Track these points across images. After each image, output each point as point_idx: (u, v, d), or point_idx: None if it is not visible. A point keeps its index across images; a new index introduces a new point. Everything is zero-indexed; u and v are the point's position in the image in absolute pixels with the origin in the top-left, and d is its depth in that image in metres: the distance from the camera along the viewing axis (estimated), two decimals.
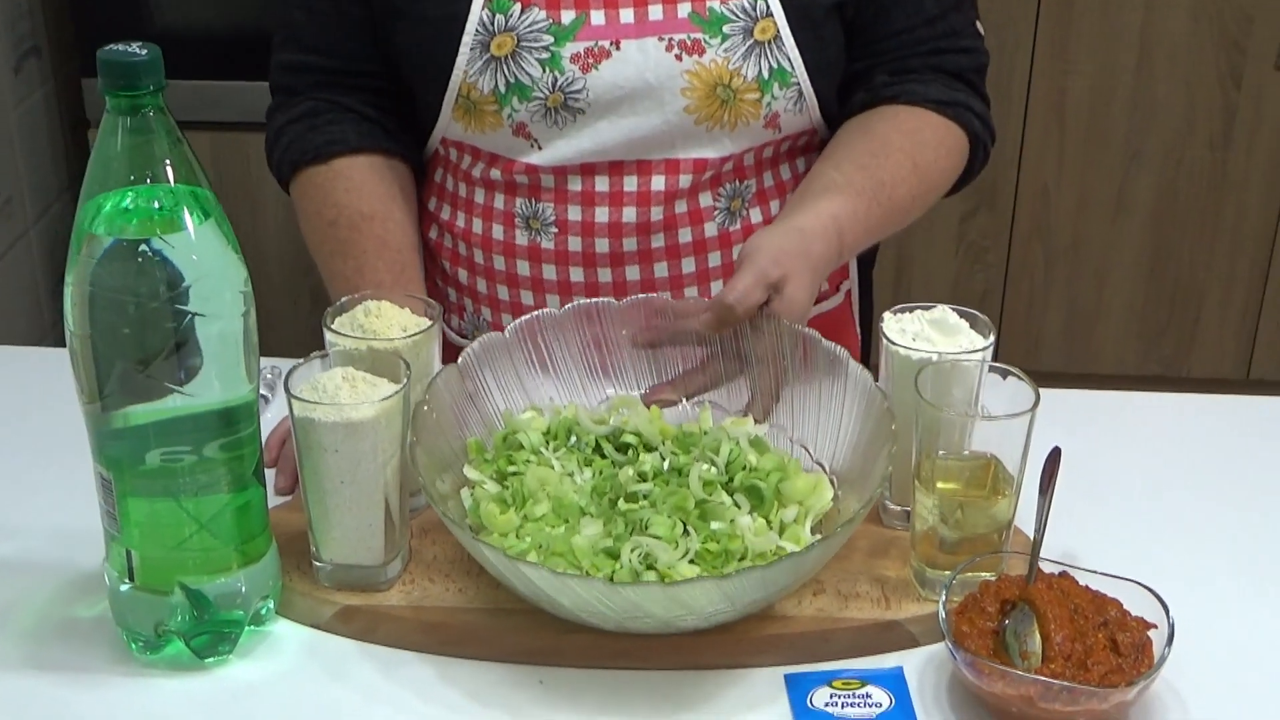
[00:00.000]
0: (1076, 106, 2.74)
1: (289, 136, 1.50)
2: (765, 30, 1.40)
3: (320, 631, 1.14)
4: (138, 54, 0.98)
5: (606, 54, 1.39)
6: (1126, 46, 2.68)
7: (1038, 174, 2.79)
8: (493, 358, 1.26)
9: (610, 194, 1.43)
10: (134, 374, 1.00)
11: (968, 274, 2.88)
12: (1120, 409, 1.49)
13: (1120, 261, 2.85)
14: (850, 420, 1.20)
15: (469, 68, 1.40)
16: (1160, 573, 1.11)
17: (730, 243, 1.47)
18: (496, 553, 1.04)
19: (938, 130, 1.47)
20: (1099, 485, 1.31)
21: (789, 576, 1.06)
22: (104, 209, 1.00)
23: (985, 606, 1.07)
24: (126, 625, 1.10)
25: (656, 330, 1.30)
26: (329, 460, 1.09)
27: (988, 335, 1.18)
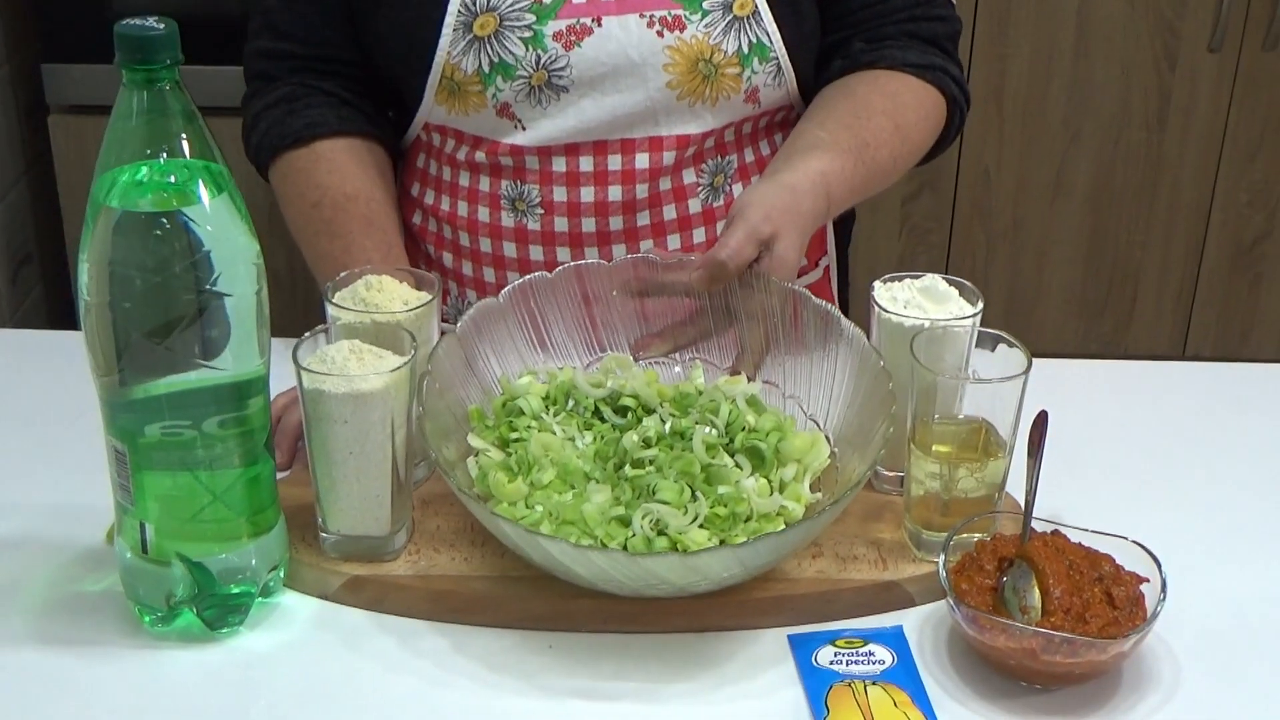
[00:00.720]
0: (1015, 89, 2.79)
1: (266, 121, 1.51)
2: (744, 6, 1.43)
3: (328, 602, 1.15)
4: (155, 28, 0.98)
5: (589, 31, 1.41)
6: (1064, 29, 2.73)
7: (979, 156, 2.84)
8: (489, 324, 1.27)
9: (595, 173, 1.45)
10: (151, 346, 1.01)
11: (911, 255, 2.93)
12: (1078, 377, 1.53)
13: (1059, 242, 2.90)
14: (845, 376, 1.23)
15: (452, 49, 1.42)
16: (1142, 532, 1.14)
17: (714, 218, 1.49)
18: (517, 528, 1.06)
19: (917, 93, 1.50)
20: (1075, 450, 1.35)
21: (800, 540, 1.09)
22: (119, 182, 1.00)
23: (983, 564, 1.11)
24: (137, 598, 1.10)
25: (646, 280, 1.31)
26: (338, 431, 1.11)
27: (976, 302, 1.22)
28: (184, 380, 1.03)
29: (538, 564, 1.10)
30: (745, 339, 1.29)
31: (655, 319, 1.32)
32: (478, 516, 1.09)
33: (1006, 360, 1.17)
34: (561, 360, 1.31)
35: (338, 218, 1.44)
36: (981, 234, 2.91)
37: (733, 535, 1.12)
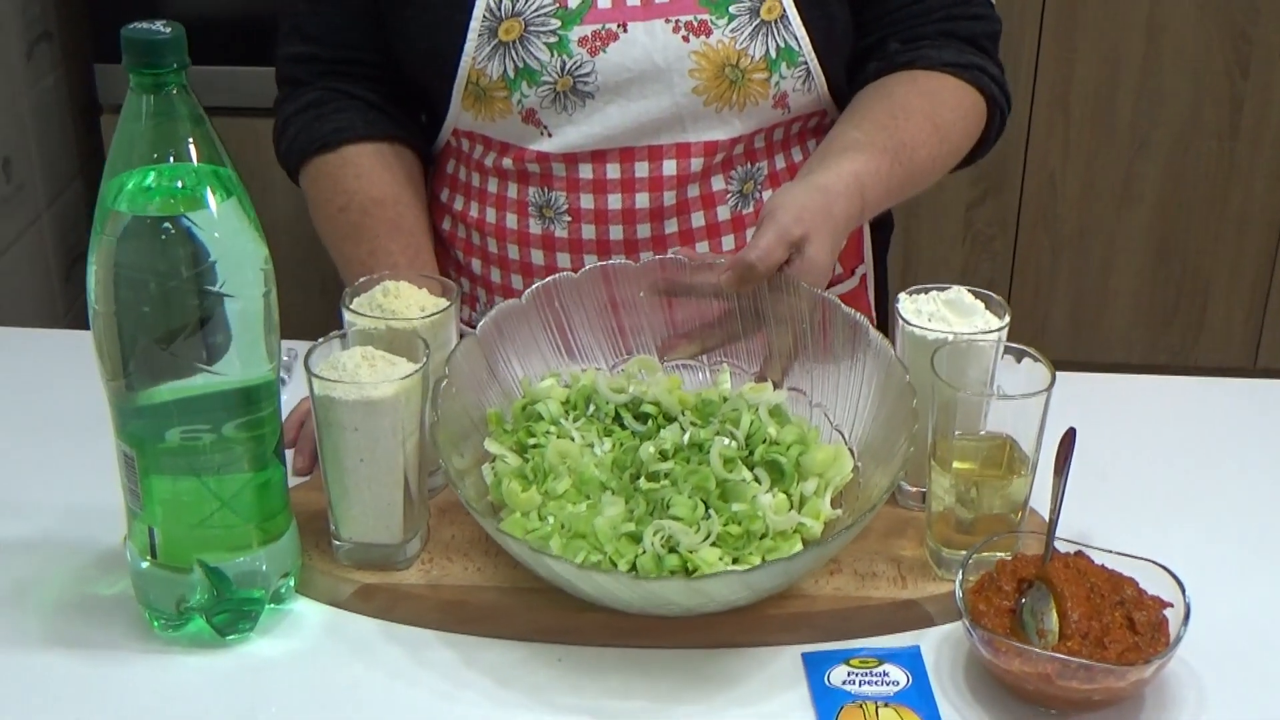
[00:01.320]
0: (1082, 95, 2.74)
1: (296, 126, 1.51)
2: (772, 10, 1.41)
3: (339, 610, 1.14)
4: (161, 32, 0.98)
5: (614, 36, 1.39)
6: (1133, 33, 2.69)
7: (1044, 162, 2.80)
8: (511, 326, 1.26)
9: (622, 180, 1.44)
10: (157, 351, 1.01)
11: (974, 262, 2.89)
12: (1128, 392, 1.49)
13: (1127, 250, 2.85)
14: (870, 389, 1.20)
15: (477, 54, 1.41)
16: (1172, 553, 1.11)
17: (743, 225, 1.47)
18: (521, 545, 1.05)
19: (955, 92, 1.47)
20: (1109, 467, 1.31)
21: (809, 566, 1.07)
22: (127, 187, 1.00)
23: (1002, 585, 1.08)
24: (148, 602, 1.10)
25: (673, 281, 1.29)
26: (348, 438, 1.10)
27: (1003, 316, 1.19)
28: (191, 385, 1.02)
29: (544, 578, 1.08)
30: (773, 343, 1.27)
31: (683, 321, 1.30)
32: (486, 529, 1.08)
33: (1031, 375, 1.14)
34: (586, 363, 1.29)
35: (364, 222, 1.44)
36: (1046, 241, 2.86)
37: (747, 553, 1.10)
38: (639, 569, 1.09)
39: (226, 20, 2.40)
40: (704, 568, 1.08)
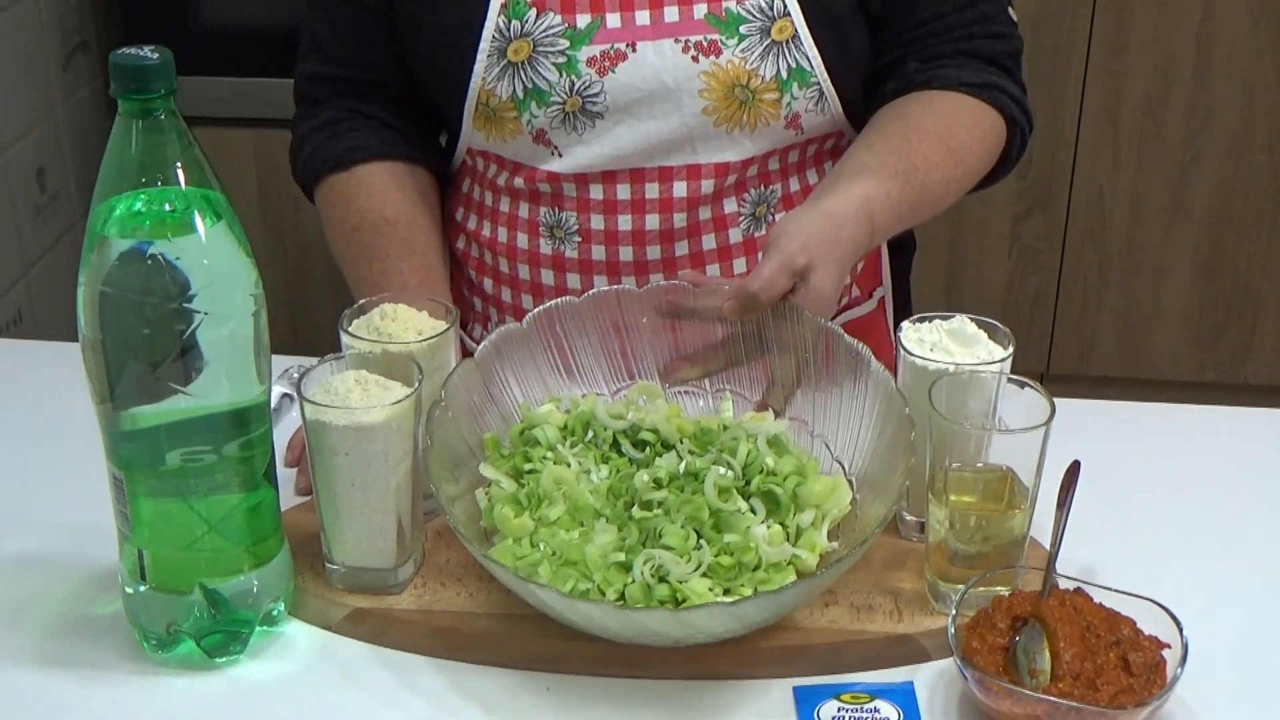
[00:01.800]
0: (1132, 108, 2.70)
1: (311, 145, 1.52)
2: (783, 30, 1.39)
3: (332, 633, 1.14)
4: (149, 58, 0.98)
5: (623, 56, 1.38)
6: (1184, 46, 2.65)
7: (1092, 176, 2.76)
8: (511, 350, 1.26)
9: (632, 201, 1.43)
10: (145, 375, 1.01)
11: (1020, 277, 2.86)
12: (1162, 420, 1.45)
13: (1176, 265, 2.81)
14: (870, 421, 1.19)
15: (486, 74, 1.40)
16: (1181, 592, 1.10)
17: (755, 249, 1.46)
18: (507, 572, 1.04)
19: (973, 113, 1.44)
20: (1127, 499, 1.29)
21: (800, 598, 1.06)
22: (116, 211, 1.00)
23: (996, 622, 1.06)
24: (139, 624, 1.11)
25: (678, 305, 1.28)
26: (339, 463, 1.10)
27: (1007, 346, 1.17)
28: (179, 408, 1.03)
29: (531, 605, 1.08)
30: (776, 370, 1.25)
31: (687, 345, 1.29)
32: (474, 555, 1.08)
33: (1033, 405, 1.12)
34: (587, 387, 1.28)
35: (376, 241, 1.44)
36: (1094, 256, 2.83)
37: (738, 585, 1.09)
38: (627, 598, 1.08)
39: (258, 32, 2.42)
40: (693, 598, 1.07)
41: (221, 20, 2.42)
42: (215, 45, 2.41)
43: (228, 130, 2.53)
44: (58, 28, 2.41)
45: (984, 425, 1.12)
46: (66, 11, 2.43)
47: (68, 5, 2.45)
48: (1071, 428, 1.34)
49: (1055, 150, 2.74)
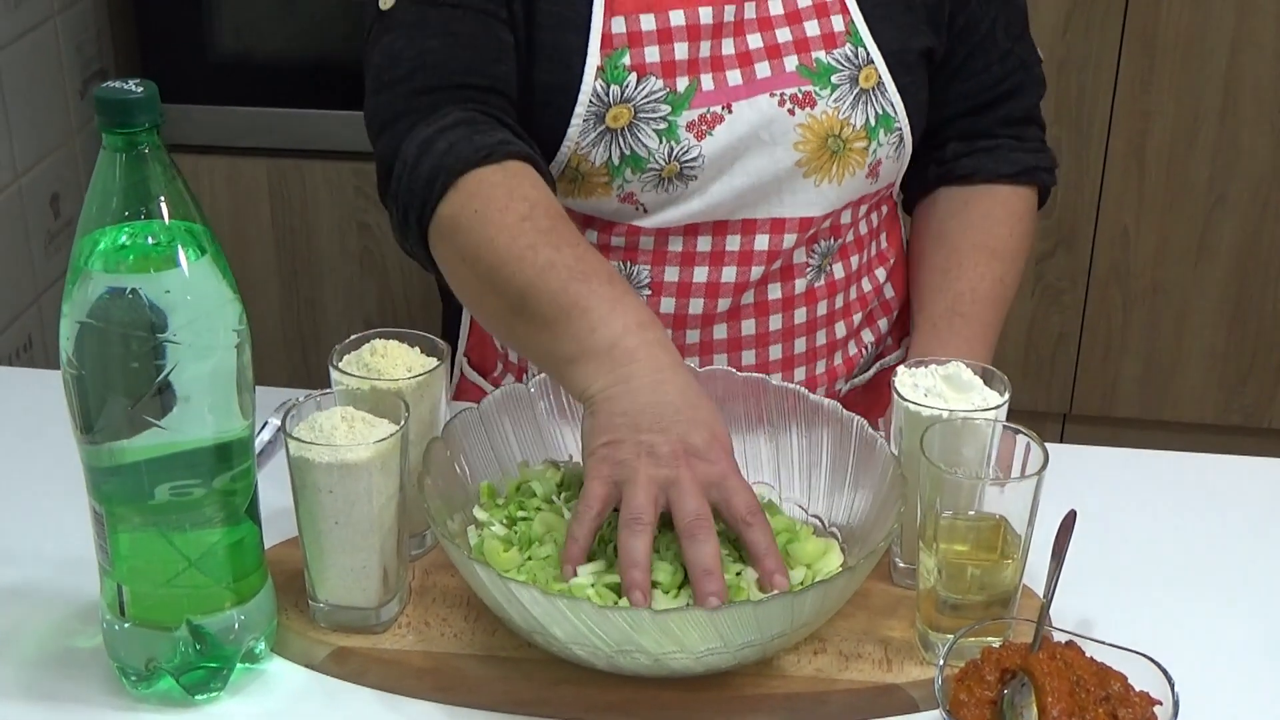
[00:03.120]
0: (1158, 147, 2.68)
1: (447, 141, 1.28)
2: (869, 77, 1.39)
3: (314, 672, 1.13)
4: (134, 91, 0.97)
5: (720, 119, 1.36)
6: (1210, 86, 2.62)
7: (1117, 216, 2.73)
8: (514, 406, 1.25)
9: (711, 254, 1.40)
10: (123, 410, 1.00)
11: (1044, 316, 2.83)
12: (1177, 469, 1.43)
13: (1201, 307, 2.78)
14: (867, 495, 1.18)
15: (581, 139, 1.35)
16: (1181, 647, 1.08)
17: (815, 299, 1.44)
18: (490, 572, 1.03)
19: (1008, 204, 1.50)
20: (1133, 549, 1.27)
21: (782, 617, 1.03)
22: (100, 245, 1.00)
23: (985, 674, 1.04)
24: (119, 659, 1.10)
25: None
26: (323, 501, 1.09)
27: (1003, 393, 1.15)
28: (160, 443, 1.02)
29: (519, 627, 1.07)
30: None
31: None
32: (453, 560, 1.07)
33: (1031, 455, 1.10)
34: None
35: (557, 227, 1.22)
36: (1119, 296, 2.80)
37: None
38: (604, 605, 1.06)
39: (277, 62, 2.42)
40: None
41: (239, 50, 2.43)
42: (232, 75, 2.42)
43: (243, 160, 2.53)
44: (76, 55, 2.42)
45: (977, 474, 1.11)
46: (85, 40, 2.45)
47: (86, 33, 2.46)
48: (1086, 474, 1.33)
49: (1080, 190, 2.72)
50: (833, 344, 1.47)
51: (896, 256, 1.54)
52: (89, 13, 2.46)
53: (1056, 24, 2.59)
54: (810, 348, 1.45)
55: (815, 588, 1.02)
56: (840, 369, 1.48)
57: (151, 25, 2.39)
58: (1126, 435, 2.84)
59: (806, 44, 1.38)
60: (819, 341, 1.45)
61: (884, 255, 1.52)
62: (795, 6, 1.39)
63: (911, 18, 1.42)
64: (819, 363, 1.46)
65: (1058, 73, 2.61)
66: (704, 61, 1.36)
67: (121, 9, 2.56)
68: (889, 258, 1.53)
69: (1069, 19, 2.58)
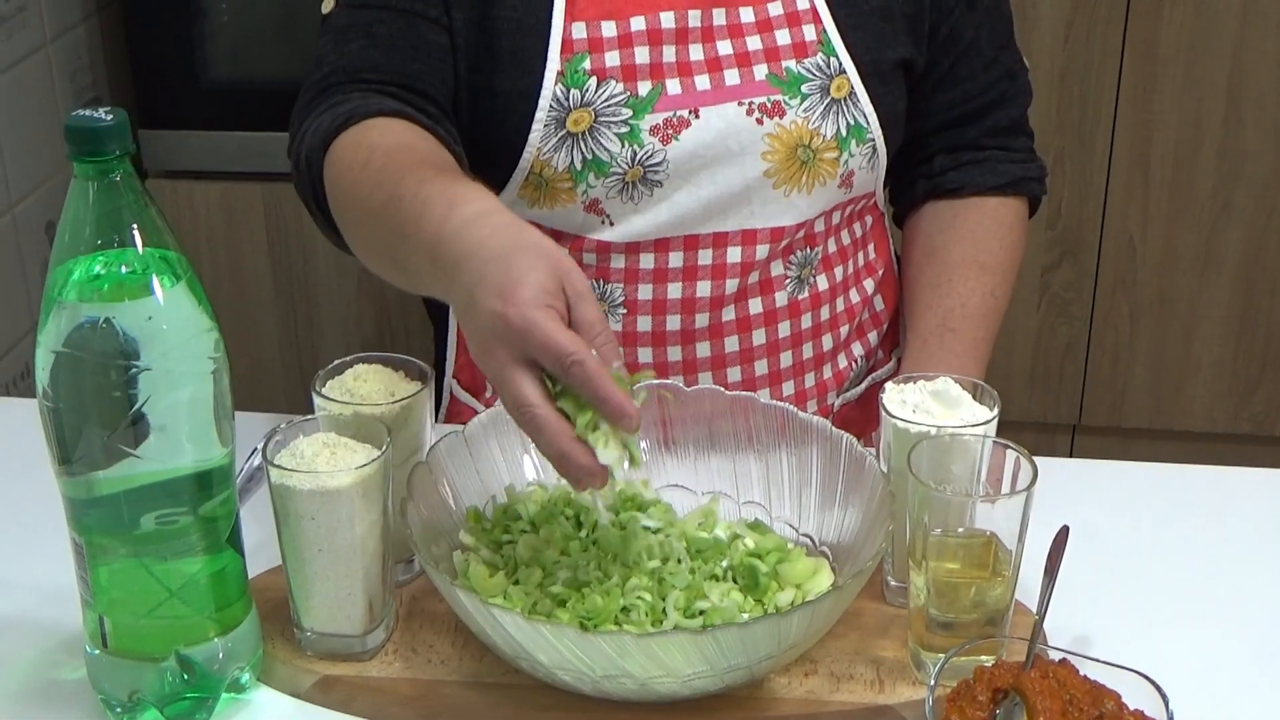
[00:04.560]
0: (1162, 156, 2.66)
1: (318, 122, 1.28)
2: (840, 87, 1.38)
3: (300, 701, 1.12)
4: (103, 120, 0.97)
5: (686, 123, 1.35)
6: (1214, 95, 2.60)
7: (1122, 226, 2.72)
8: (500, 429, 1.24)
9: (684, 269, 1.39)
10: (100, 440, 0.99)
11: (1050, 327, 2.81)
12: (1182, 482, 1.40)
13: (1209, 316, 2.76)
14: (857, 513, 1.17)
15: (542, 145, 1.35)
16: (1179, 664, 1.07)
17: (798, 311, 1.43)
18: (473, 598, 1.02)
19: (997, 215, 1.50)
20: (1132, 565, 1.25)
21: (769, 639, 1.01)
22: (74, 275, 0.99)
23: (977, 694, 1.02)
24: (102, 690, 1.09)
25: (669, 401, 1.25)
26: (306, 528, 1.08)
27: (992, 408, 1.14)
28: (138, 473, 1.01)
29: (504, 653, 1.06)
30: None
31: (678, 428, 1.26)
32: (437, 586, 1.06)
33: (1018, 470, 1.09)
34: None
35: (392, 162, 1.18)
36: (1125, 306, 2.78)
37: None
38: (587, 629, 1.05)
39: (268, 86, 2.42)
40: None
41: (232, 75, 2.42)
42: (225, 100, 2.41)
43: (238, 184, 2.52)
44: (70, 84, 2.42)
45: (966, 490, 1.09)
46: (79, 68, 2.45)
47: (79, 61, 2.46)
48: (1087, 488, 1.33)
49: (1085, 200, 2.70)
50: (820, 357, 1.45)
51: (886, 268, 1.53)
52: (81, 41, 2.47)
53: (1057, 34, 2.57)
54: (797, 361, 1.44)
55: (802, 609, 1.01)
56: (830, 382, 1.47)
57: (144, 52, 2.39)
58: (1136, 445, 2.82)
59: (777, 53, 1.37)
60: (806, 355, 1.44)
61: (872, 267, 1.51)
62: (766, 15, 1.38)
63: (889, 28, 1.41)
64: (807, 376, 1.45)
65: (1059, 82, 2.59)
66: (669, 66, 1.35)
67: (114, 36, 2.56)
68: (877, 269, 1.51)
69: (1070, 28, 2.57)
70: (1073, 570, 1.15)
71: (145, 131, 2.37)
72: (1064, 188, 2.67)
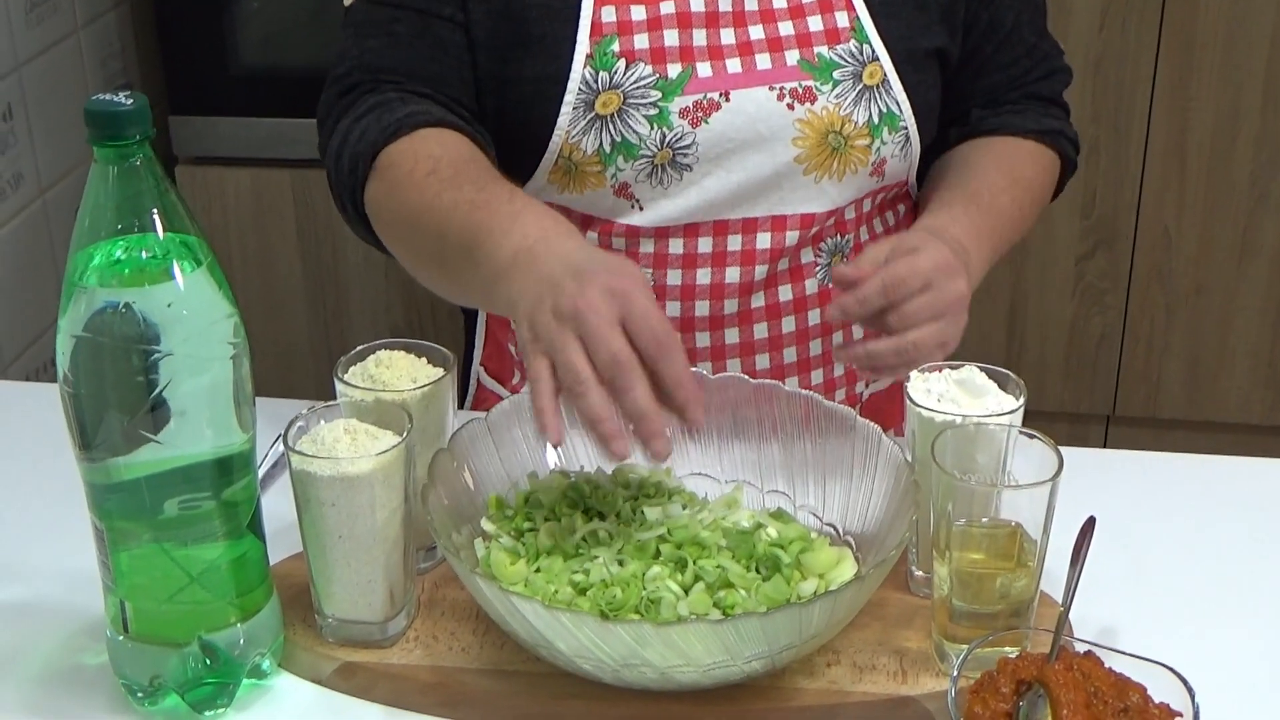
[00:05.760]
0: (1198, 144, 2.63)
1: (360, 127, 1.32)
2: (873, 74, 1.37)
3: (321, 687, 1.12)
4: (123, 104, 0.96)
5: (716, 106, 1.34)
6: (1251, 81, 2.58)
7: (1158, 215, 2.69)
8: (523, 416, 1.23)
9: (713, 254, 1.38)
10: (120, 426, 0.99)
11: (1085, 318, 2.79)
12: (1219, 473, 1.39)
13: (1246, 306, 2.73)
14: (881, 502, 1.16)
15: (571, 128, 1.34)
16: (1207, 657, 1.06)
17: (829, 299, 1.41)
18: (493, 586, 1.02)
19: (1032, 151, 1.47)
20: (1162, 556, 1.24)
21: (790, 629, 1.01)
22: (94, 260, 0.99)
23: (1000, 686, 1.01)
24: (124, 675, 1.09)
25: None
26: (327, 514, 1.08)
27: (1018, 397, 1.13)
28: (159, 458, 1.01)
29: (524, 641, 1.05)
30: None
31: (703, 434, 1.25)
32: (458, 574, 1.06)
33: (1043, 461, 1.07)
34: (596, 464, 1.24)
35: (461, 172, 1.25)
36: (1161, 297, 2.75)
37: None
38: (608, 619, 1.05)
39: (298, 73, 2.42)
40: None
41: (261, 62, 2.42)
42: (255, 86, 2.41)
43: (267, 171, 2.52)
44: (100, 70, 2.42)
45: (991, 480, 1.08)
46: (110, 54, 2.45)
47: (110, 48, 2.46)
48: (1119, 479, 1.32)
49: (1120, 188, 2.68)
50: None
51: None
52: (112, 27, 2.47)
53: (1092, 21, 2.55)
54: (826, 349, 1.43)
55: (823, 599, 1.00)
56: (860, 371, 1.46)
57: (174, 38, 2.39)
58: (1171, 437, 2.79)
59: (809, 38, 1.36)
60: (836, 343, 1.43)
61: None
62: (799, 0, 1.37)
63: (924, 17, 1.40)
64: (837, 365, 1.44)
65: (1094, 70, 2.57)
66: (700, 50, 1.35)
67: (144, 23, 2.57)
68: None
69: (1105, 15, 2.55)
70: (1102, 562, 1.14)
71: (175, 117, 2.37)
72: (1099, 176, 2.64)
